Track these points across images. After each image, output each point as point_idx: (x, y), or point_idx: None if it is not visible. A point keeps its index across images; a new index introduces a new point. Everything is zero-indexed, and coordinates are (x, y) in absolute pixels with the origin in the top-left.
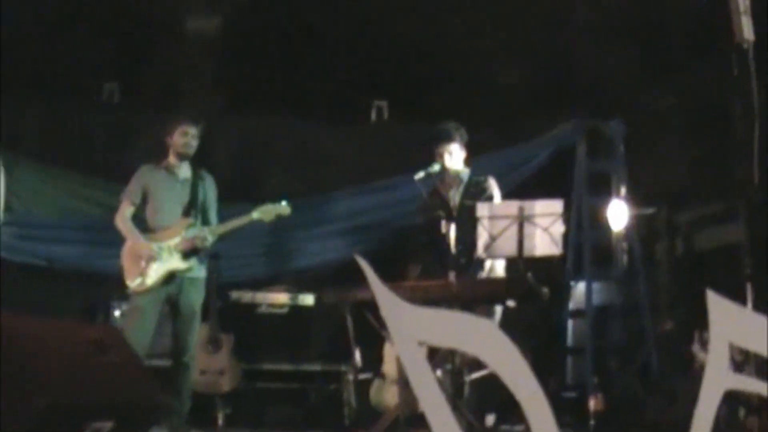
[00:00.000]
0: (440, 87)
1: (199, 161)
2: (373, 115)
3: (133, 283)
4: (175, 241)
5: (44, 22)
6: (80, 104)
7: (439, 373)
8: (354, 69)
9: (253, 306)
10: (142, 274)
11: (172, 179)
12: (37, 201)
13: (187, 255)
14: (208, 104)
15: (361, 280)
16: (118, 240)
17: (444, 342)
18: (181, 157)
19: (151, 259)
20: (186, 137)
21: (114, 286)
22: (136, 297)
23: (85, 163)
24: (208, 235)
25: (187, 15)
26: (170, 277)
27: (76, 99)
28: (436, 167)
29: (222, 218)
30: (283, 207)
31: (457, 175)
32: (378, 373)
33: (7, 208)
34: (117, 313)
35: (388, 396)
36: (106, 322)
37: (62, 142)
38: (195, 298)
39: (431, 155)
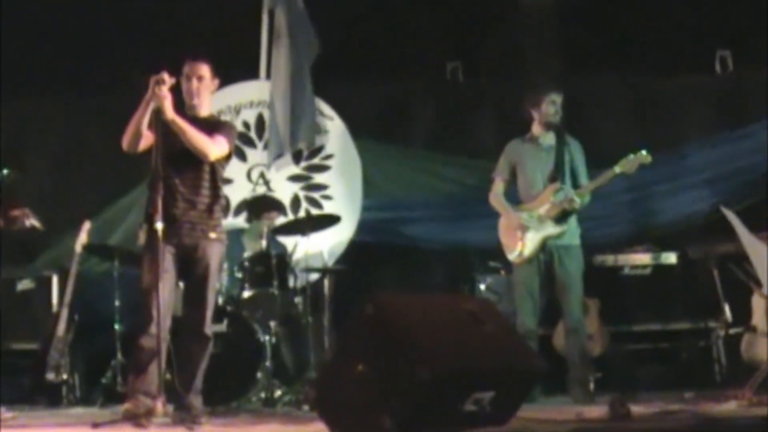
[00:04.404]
0: None
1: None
2: (717, 66)
3: (512, 255)
4: (545, 207)
5: (388, 6)
6: (426, 84)
7: None
8: (696, 19)
9: (616, 269)
10: (520, 245)
11: (536, 149)
12: (394, 183)
13: (559, 220)
14: (549, 72)
15: (724, 232)
16: (477, 215)
17: None
18: (549, 126)
19: (525, 229)
20: (555, 106)
21: (477, 260)
22: (518, 269)
23: (435, 142)
24: (576, 197)
25: None
26: (545, 245)
27: (422, 80)
28: None
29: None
30: (644, 155)
31: None
32: (748, 326)
33: (366, 193)
34: (482, 286)
35: (759, 349)
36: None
37: (412, 123)
38: (570, 264)
39: None
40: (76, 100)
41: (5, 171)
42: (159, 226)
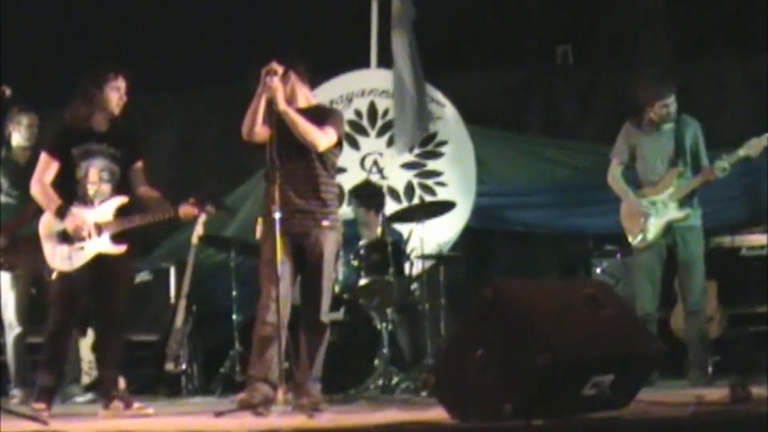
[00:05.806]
0: None
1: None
2: None
3: (635, 240)
4: (669, 191)
5: None
6: (536, 69)
7: None
8: None
9: (733, 250)
10: (642, 230)
11: (655, 132)
12: (507, 169)
13: (682, 204)
14: (660, 55)
15: None
16: (591, 200)
17: None
18: (664, 121)
19: (648, 215)
20: (666, 108)
21: (593, 244)
22: (640, 254)
23: (547, 126)
24: (717, 170)
25: None
26: (668, 229)
27: (533, 64)
28: None
29: None
30: None
31: None
32: None
33: (480, 180)
34: (598, 270)
35: None
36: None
37: (523, 108)
38: (693, 246)
39: None
40: (192, 93)
41: None
42: (276, 216)
